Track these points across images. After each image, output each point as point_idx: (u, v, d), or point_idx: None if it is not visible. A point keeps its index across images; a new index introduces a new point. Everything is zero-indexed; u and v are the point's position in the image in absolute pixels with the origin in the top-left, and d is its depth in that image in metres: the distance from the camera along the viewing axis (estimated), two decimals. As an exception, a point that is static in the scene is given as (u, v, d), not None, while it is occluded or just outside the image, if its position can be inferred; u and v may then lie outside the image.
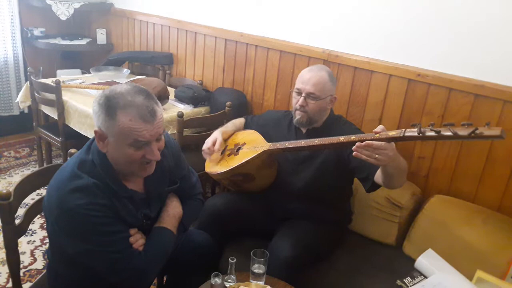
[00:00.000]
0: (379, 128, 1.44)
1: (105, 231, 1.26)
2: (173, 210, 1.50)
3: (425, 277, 1.72)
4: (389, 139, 1.40)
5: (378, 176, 1.62)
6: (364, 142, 1.41)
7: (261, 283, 1.50)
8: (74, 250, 1.29)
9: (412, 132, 1.36)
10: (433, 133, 1.31)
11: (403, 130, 1.39)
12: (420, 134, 1.34)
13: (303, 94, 1.82)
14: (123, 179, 1.36)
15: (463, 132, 1.25)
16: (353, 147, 1.44)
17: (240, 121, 2.18)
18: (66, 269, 1.41)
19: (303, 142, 1.71)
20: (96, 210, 1.24)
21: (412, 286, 1.69)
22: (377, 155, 1.40)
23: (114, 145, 1.26)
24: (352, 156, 1.55)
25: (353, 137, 1.50)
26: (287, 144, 1.76)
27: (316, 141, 1.66)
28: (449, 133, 1.28)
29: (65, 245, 1.31)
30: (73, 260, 1.34)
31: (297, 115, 1.87)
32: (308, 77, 1.83)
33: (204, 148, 1.96)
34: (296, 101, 1.85)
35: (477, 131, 1.22)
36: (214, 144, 1.95)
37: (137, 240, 1.37)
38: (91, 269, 1.32)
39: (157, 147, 1.30)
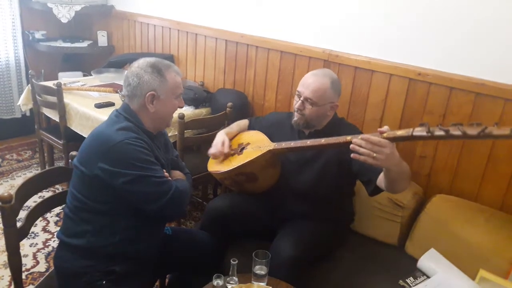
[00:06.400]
0: (385, 127, 1.41)
1: (149, 160, 1.47)
2: (179, 174, 1.73)
3: (428, 277, 1.72)
4: (396, 138, 1.37)
5: (381, 181, 1.61)
6: (363, 136, 1.39)
7: (263, 284, 1.50)
8: (123, 179, 1.42)
9: (420, 132, 1.33)
10: (442, 133, 1.28)
11: (411, 129, 1.35)
12: (429, 134, 1.30)
13: (302, 98, 1.82)
14: None
15: (472, 131, 1.23)
16: (351, 146, 1.42)
17: (244, 122, 2.17)
18: (106, 216, 1.50)
19: (308, 142, 1.70)
20: (140, 143, 1.46)
21: (414, 286, 1.68)
22: (375, 154, 1.36)
23: (165, 101, 1.54)
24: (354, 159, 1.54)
25: (360, 136, 1.45)
26: (292, 144, 1.76)
27: (322, 141, 1.64)
28: (459, 133, 1.25)
29: (114, 180, 1.43)
30: (117, 197, 1.47)
31: (295, 117, 1.88)
32: (309, 82, 1.81)
33: (215, 151, 1.93)
34: (296, 103, 1.86)
35: (487, 131, 1.20)
36: (223, 144, 1.94)
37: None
38: (136, 199, 1.47)
39: None
